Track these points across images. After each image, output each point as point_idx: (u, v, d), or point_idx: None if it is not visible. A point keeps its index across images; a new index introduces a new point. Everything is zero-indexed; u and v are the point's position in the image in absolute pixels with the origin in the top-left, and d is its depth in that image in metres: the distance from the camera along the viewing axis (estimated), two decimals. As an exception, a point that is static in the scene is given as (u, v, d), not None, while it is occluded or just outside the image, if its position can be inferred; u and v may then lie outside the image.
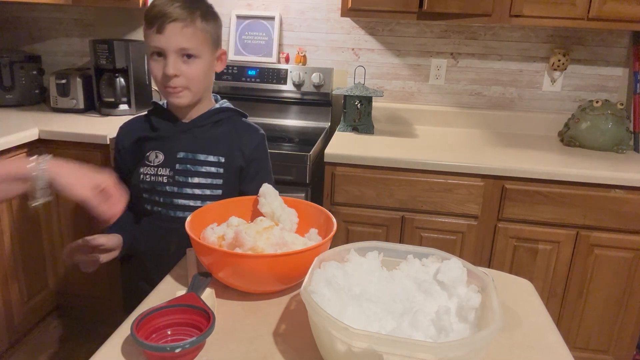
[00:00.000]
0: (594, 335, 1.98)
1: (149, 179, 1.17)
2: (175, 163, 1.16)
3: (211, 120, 1.19)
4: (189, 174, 1.16)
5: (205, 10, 1.11)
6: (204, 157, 1.16)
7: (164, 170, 1.16)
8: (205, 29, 1.10)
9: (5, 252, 1.98)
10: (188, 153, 1.16)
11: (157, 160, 1.16)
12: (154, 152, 1.17)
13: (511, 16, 1.96)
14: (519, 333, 0.90)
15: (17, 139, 1.95)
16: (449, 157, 1.91)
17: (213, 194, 1.17)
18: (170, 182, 1.16)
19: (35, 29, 2.65)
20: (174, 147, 1.16)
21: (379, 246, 0.91)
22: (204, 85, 1.15)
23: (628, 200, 1.81)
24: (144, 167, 1.17)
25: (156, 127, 1.19)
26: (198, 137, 1.17)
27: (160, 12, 1.05)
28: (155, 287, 1.00)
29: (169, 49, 1.06)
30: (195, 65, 1.09)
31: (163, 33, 1.05)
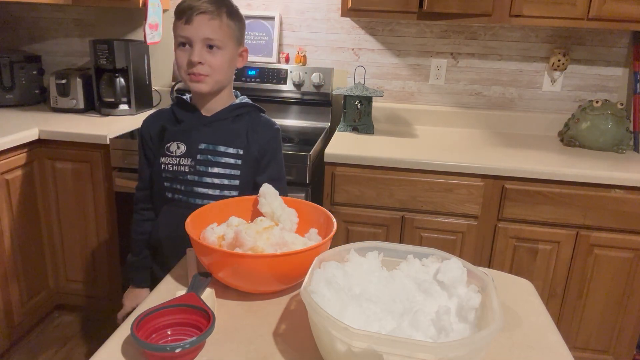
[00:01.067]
0: (594, 335, 1.98)
1: (171, 169, 1.24)
2: (197, 153, 1.22)
3: (232, 115, 1.25)
4: (209, 164, 1.22)
5: (231, 9, 1.19)
6: (223, 148, 1.23)
7: (186, 160, 1.22)
8: (230, 25, 1.18)
9: (5, 252, 1.98)
10: (209, 144, 1.23)
11: (178, 151, 1.23)
12: (175, 143, 1.23)
13: (511, 16, 1.96)
14: (519, 333, 0.90)
15: (17, 139, 1.95)
16: (449, 157, 1.91)
17: (231, 184, 1.24)
18: (191, 171, 1.22)
19: (35, 29, 2.66)
20: (195, 138, 1.23)
21: (379, 246, 0.91)
22: (224, 76, 1.21)
23: (628, 200, 1.81)
24: (165, 157, 1.24)
25: (180, 119, 1.25)
26: (219, 130, 1.24)
27: (189, 5, 1.13)
28: (155, 287, 1.00)
29: (196, 39, 1.14)
30: (218, 56, 1.16)
31: (191, 24, 1.13)
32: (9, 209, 1.98)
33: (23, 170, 2.03)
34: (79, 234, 2.19)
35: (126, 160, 2.02)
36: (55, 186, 2.14)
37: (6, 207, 1.97)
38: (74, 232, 2.19)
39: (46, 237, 2.20)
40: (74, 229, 2.18)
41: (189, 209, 1.03)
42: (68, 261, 2.24)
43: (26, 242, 2.09)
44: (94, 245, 2.19)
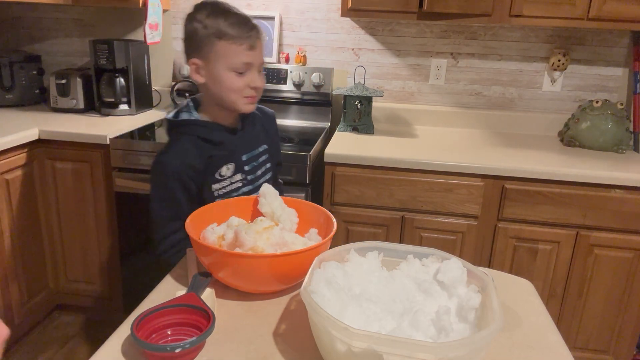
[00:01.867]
0: (594, 335, 1.98)
1: (223, 192, 1.23)
2: (244, 165, 1.26)
3: (249, 120, 1.30)
4: (254, 170, 1.29)
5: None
6: (257, 150, 1.30)
7: (237, 177, 1.25)
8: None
9: (5, 252, 1.98)
10: (248, 153, 1.28)
11: (229, 172, 1.23)
12: (225, 166, 1.22)
13: (511, 16, 1.96)
14: (519, 333, 0.90)
15: (17, 139, 1.95)
16: (449, 157, 1.91)
17: (269, 177, 1.33)
18: (245, 183, 1.27)
19: (35, 29, 2.65)
20: (238, 153, 1.26)
21: (379, 246, 0.91)
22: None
23: (628, 200, 1.81)
24: (215, 183, 1.21)
25: (219, 141, 1.21)
26: (247, 137, 1.29)
27: (248, 28, 1.12)
28: (155, 287, 1.00)
29: (256, 64, 1.16)
30: (263, 77, 1.21)
31: (254, 50, 1.14)
32: (9, 209, 1.98)
33: (23, 170, 2.03)
34: (79, 234, 2.19)
35: (126, 160, 2.02)
36: (55, 186, 2.14)
37: (6, 207, 1.97)
38: (74, 232, 2.19)
39: (46, 237, 2.20)
40: (74, 229, 2.18)
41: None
42: (68, 261, 2.24)
43: (26, 242, 2.09)
44: (94, 245, 2.19)
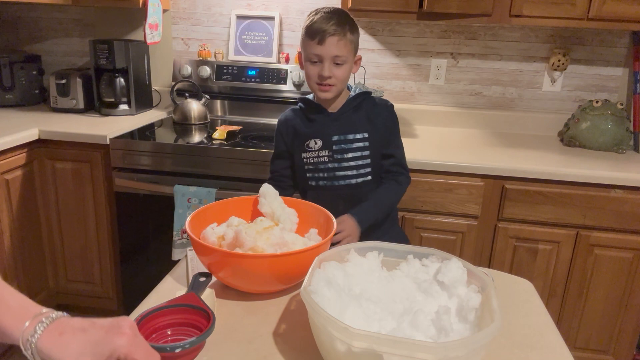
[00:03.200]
0: (594, 335, 1.98)
1: (312, 161, 1.44)
2: (332, 145, 1.42)
3: (351, 107, 1.45)
4: (344, 151, 1.42)
5: (352, 24, 1.37)
6: (352, 136, 1.43)
7: (324, 152, 1.43)
8: (352, 40, 1.36)
9: (5, 252, 1.98)
10: (340, 135, 1.42)
11: (316, 146, 1.43)
12: (313, 140, 1.43)
13: (511, 16, 1.96)
14: (519, 333, 0.90)
15: (17, 139, 1.95)
16: (449, 157, 1.91)
17: (364, 163, 1.43)
18: (331, 160, 1.43)
19: (35, 29, 2.65)
20: (328, 133, 1.43)
21: (379, 246, 0.91)
22: (345, 84, 1.42)
23: (628, 200, 1.81)
24: (305, 152, 1.45)
25: (311, 119, 1.46)
26: (345, 122, 1.43)
27: (321, 28, 1.32)
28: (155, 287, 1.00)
29: (326, 57, 1.33)
30: (342, 69, 1.36)
31: (323, 44, 1.32)
32: (9, 209, 1.98)
33: (23, 170, 2.03)
34: (79, 234, 2.19)
35: (126, 160, 2.02)
36: (55, 186, 2.14)
37: (6, 207, 1.97)
38: (74, 232, 2.19)
39: (46, 237, 2.20)
40: (74, 229, 2.18)
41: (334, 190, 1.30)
42: (68, 261, 2.24)
43: (26, 242, 2.09)
44: (94, 245, 2.19)
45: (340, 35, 1.32)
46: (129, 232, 2.13)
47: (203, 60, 2.45)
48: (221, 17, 2.49)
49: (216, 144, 2.00)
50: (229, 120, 2.44)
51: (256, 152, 1.92)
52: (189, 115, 2.31)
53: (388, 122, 1.48)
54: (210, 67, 2.43)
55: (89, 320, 0.62)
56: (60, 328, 0.60)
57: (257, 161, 1.92)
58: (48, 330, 0.60)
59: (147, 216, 2.09)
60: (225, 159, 1.95)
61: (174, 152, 2.00)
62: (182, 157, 1.99)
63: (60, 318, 0.62)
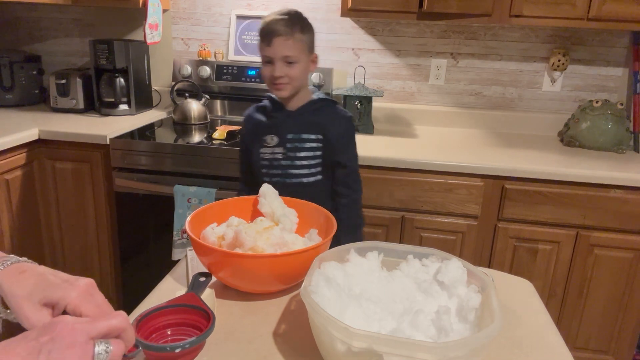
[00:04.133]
0: (594, 335, 1.98)
1: (267, 157, 1.48)
2: (287, 142, 1.46)
3: (311, 108, 1.48)
4: (297, 150, 1.46)
5: (303, 24, 1.40)
6: (306, 136, 1.46)
7: (279, 149, 1.47)
8: (302, 39, 1.39)
9: (5, 252, 1.98)
10: (295, 134, 1.46)
11: (273, 142, 1.47)
12: (270, 136, 1.47)
13: (511, 16, 1.96)
14: (519, 333, 0.90)
15: (17, 139, 1.95)
16: (449, 157, 1.91)
17: (315, 162, 1.47)
18: (284, 157, 1.46)
19: (35, 29, 2.65)
20: (284, 130, 1.46)
21: (379, 246, 0.91)
22: (301, 82, 1.44)
23: (628, 200, 1.81)
24: (263, 148, 1.48)
25: (271, 115, 1.50)
26: (301, 122, 1.47)
27: (269, 29, 1.36)
28: (155, 287, 1.00)
29: (276, 57, 1.37)
30: (295, 68, 1.39)
31: (271, 46, 1.36)
32: (9, 209, 1.98)
33: (23, 170, 2.03)
34: (79, 234, 2.19)
35: (126, 160, 2.02)
36: (55, 186, 2.14)
37: (6, 207, 1.97)
38: (74, 232, 2.19)
39: (46, 237, 2.20)
40: (74, 229, 2.18)
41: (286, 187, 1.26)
42: (68, 261, 2.24)
43: (26, 242, 2.09)
44: (94, 245, 2.19)
45: (287, 36, 1.35)
46: (129, 232, 2.13)
47: (203, 60, 2.45)
48: (221, 17, 2.49)
49: (216, 144, 2.00)
50: (229, 120, 2.44)
51: (256, 152, 1.92)
52: (189, 115, 2.31)
53: (344, 133, 1.50)
54: (210, 67, 2.43)
55: (53, 270, 0.64)
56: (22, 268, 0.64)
57: (257, 161, 1.92)
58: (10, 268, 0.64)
59: (147, 216, 2.09)
60: (225, 159, 1.95)
61: (174, 152, 2.00)
62: (182, 157, 1.99)
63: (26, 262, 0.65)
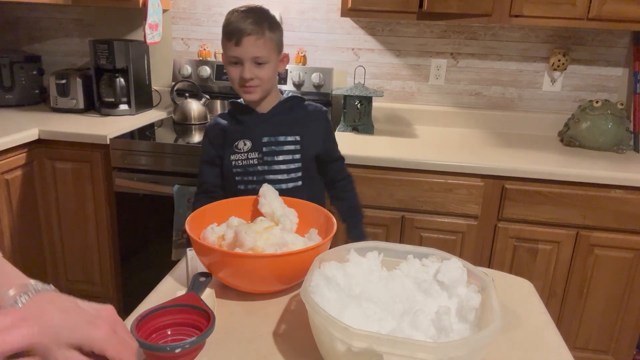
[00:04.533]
0: (594, 335, 1.98)
1: (240, 163, 1.38)
2: (262, 147, 1.37)
3: (284, 108, 1.41)
4: (274, 153, 1.37)
5: (271, 21, 1.32)
6: (283, 138, 1.38)
7: (253, 154, 1.37)
8: (272, 38, 1.31)
9: (5, 252, 1.98)
10: (271, 137, 1.37)
11: (245, 147, 1.38)
12: (242, 140, 1.38)
13: (511, 16, 1.96)
14: (519, 333, 0.90)
15: (17, 139, 1.95)
16: (449, 157, 1.91)
17: (295, 167, 1.39)
18: (260, 162, 1.37)
19: (35, 29, 2.65)
20: (258, 134, 1.38)
21: (379, 246, 0.91)
22: (271, 84, 1.37)
23: (628, 200, 1.81)
24: (234, 154, 1.39)
25: (240, 121, 1.41)
26: (276, 123, 1.39)
27: (236, 28, 1.26)
28: (155, 287, 1.00)
29: (245, 58, 1.28)
30: (265, 69, 1.31)
31: (240, 45, 1.27)
32: (9, 209, 1.98)
33: (23, 170, 2.03)
34: (79, 234, 2.19)
35: (126, 160, 2.02)
36: (55, 186, 2.14)
37: (6, 207, 1.97)
38: (74, 232, 2.19)
39: (46, 237, 2.20)
40: (74, 229, 2.18)
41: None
42: (68, 261, 2.24)
43: (26, 242, 2.09)
44: (94, 245, 2.19)
45: (257, 35, 1.27)
46: (129, 232, 2.13)
47: (203, 60, 2.45)
48: (221, 17, 2.47)
49: (216, 144, 2.00)
50: (229, 120, 2.44)
51: (256, 152, 1.92)
52: (189, 115, 2.31)
53: (325, 127, 1.46)
54: (210, 67, 2.43)
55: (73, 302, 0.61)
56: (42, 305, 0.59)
57: (257, 161, 1.92)
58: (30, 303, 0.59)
59: (147, 216, 2.09)
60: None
61: (174, 152, 2.00)
62: (182, 157, 1.99)
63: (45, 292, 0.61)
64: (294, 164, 1.38)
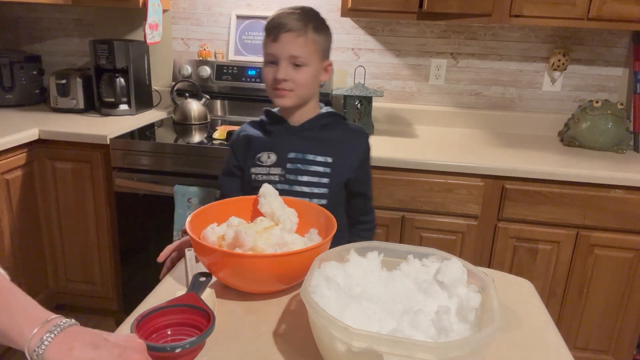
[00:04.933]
0: (594, 335, 1.98)
1: (260, 178, 1.25)
2: (287, 162, 1.24)
3: (318, 124, 1.27)
4: (298, 172, 1.24)
5: (318, 23, 1.20)
6: (312, 157, 1.24)
7: (276, 170, 1.24)
8: (316, 40, 1.19)
9: (5, 252, 1.98)
10: (298, 153, 1.24)
11: (269, 161, 1.25)
12: (266, 153, 1.25)
13: (511, 16, 1.96)
14: (519, 333, 0.90)
15: (17, 139, 1.95)
16: (449, 157, 1.91)
17: (320, 192, 1.24)
18: (281, 180, 1.24)
19: (35, 29, 2.65)
20: (285, 147, 1.25)
21: (379, 246, 0.91)
22: (309, 91, 1.23)
23: (628, 200, 1.81)
24: (256, 167, 1.26)
25: (269, 130, 1.28)
26: (307, 139, 1.25)
27: (277, 23, 1.16)
28: (155, 287, 1.00)
29: (281, 56, 1.16)
30: (302, 72, 1.18)
31: (277, 42, 1.16)
32: (9, 209, 1.98)
33: (23, 170, 2.03)
34: (79, 234, 2.19)
35: (126, 160, 2.02)
36: (55, 186, 2.14)
37: (6, 207, 1.97)
38: (74, 232, 2.19)
39: (46, 237, 2.20)
40: (74, 229, 2.18)
41: None
42: (68, 261, 2.24)
43: (26, 242, 2.09)
44: (94, 245, 2.19)
45: (298, 32, 1.15)
46: (129, 232, 2.13)
47: (203, 60, 2.45)
48: (221, 17, 2.49)
49: (216, 144, 2.00)
50: (229, 120, 2.44)
51: (256, 152, 1.92)
52: (189, 115, 2.31)
53: (363, 152, 1.29)
54: (210, 67, 2.43)
55: (101, 336, 0.60)
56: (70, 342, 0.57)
57: (257, 161, 1.92)
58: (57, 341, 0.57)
59: (147, 216, 2.09)
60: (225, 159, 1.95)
61: (174, 152, 2.00)
62: (182, 157, 1.99)
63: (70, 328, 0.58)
64: (318, 189, 1.23)
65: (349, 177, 1.27)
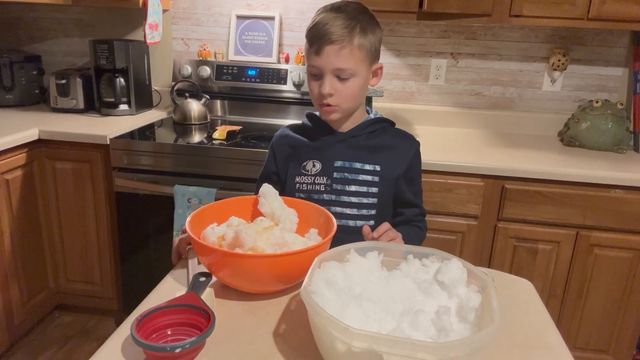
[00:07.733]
0: (594, 335, 1.98)
1: (305, 188, 1.19)
2: (333, 172, 1.18)
3: (366, 131, 1.21)
4: (346, 182, 1.17)
5: (366, 23, 1.10)
6: (360, 165, 1.18)
7: (322, 179, 1.18)
8: (364, 45, 1.09)
9: (5, 252, 1.98)
10: (345, 162, 1.18)
11: (314, 170, 1.19)
12: (312, 161, 1.19)
13: (511, 16, 1.96)
14: (519, 333, 0.90)
15: (17, 139, 1.95)
16: (449, 157, 1.91)
17: (369, 202, 1.18)
18: (327, 190, 1.17)
19: (35, 29, 2.65)
20: (331, 156, 1.18)
21: (379, 246, 0.91)
22: (356, 102, 1.17)
23: (628, 200, 1.81)
24: (301, 176, 1.20)
25: (313, 137, 1.22)
26: (354, 147, 1.19)
27: (320, 32, 1.07)
28: (155, 287, 1.00)
29: (326, 70, 1.09)
30: (350, 85, 1.11)
31: (320, 55, 1.08)
32: (9, 209, 1.98)
33: (23, 170, 2.03)
34: (79, 234, 2.19)
35: (126, 160, 2.02)
36: (55, 186, 2.14)
37: (6, 207, 1.97)
38: (74, 232, 2.19)
39: (46, 237, 2.20)
40: (74, 229, 2.18)
41: None
42: (68, 261, 2.24)
43: (26, 242, 2.09)
44: (94, 245, 2.19)
45: (343, 43, 1.06)
46: (129, 232, 2.13)
47: (203, 60, 2.45)
48: (221, 17, 2.49)
49: (216, 144, 2.00)
50: (229, 120, 2.44)
51: (256, 152, 1.92)
52: (189, 115, 2.31)
53: (413, 160, 1.22)
54: (210, 67, 2.43)
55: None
56: None
57: (257, 161, 1.92)
58: None
59: (147, 216, 2.09)
60: (225, 159, 1.95)
61: (174, 152, 2.00)
62: (182, 157, 1.99)
63: None
64: (367, 199, 1.17)
65: (398, 185, 1.20)
